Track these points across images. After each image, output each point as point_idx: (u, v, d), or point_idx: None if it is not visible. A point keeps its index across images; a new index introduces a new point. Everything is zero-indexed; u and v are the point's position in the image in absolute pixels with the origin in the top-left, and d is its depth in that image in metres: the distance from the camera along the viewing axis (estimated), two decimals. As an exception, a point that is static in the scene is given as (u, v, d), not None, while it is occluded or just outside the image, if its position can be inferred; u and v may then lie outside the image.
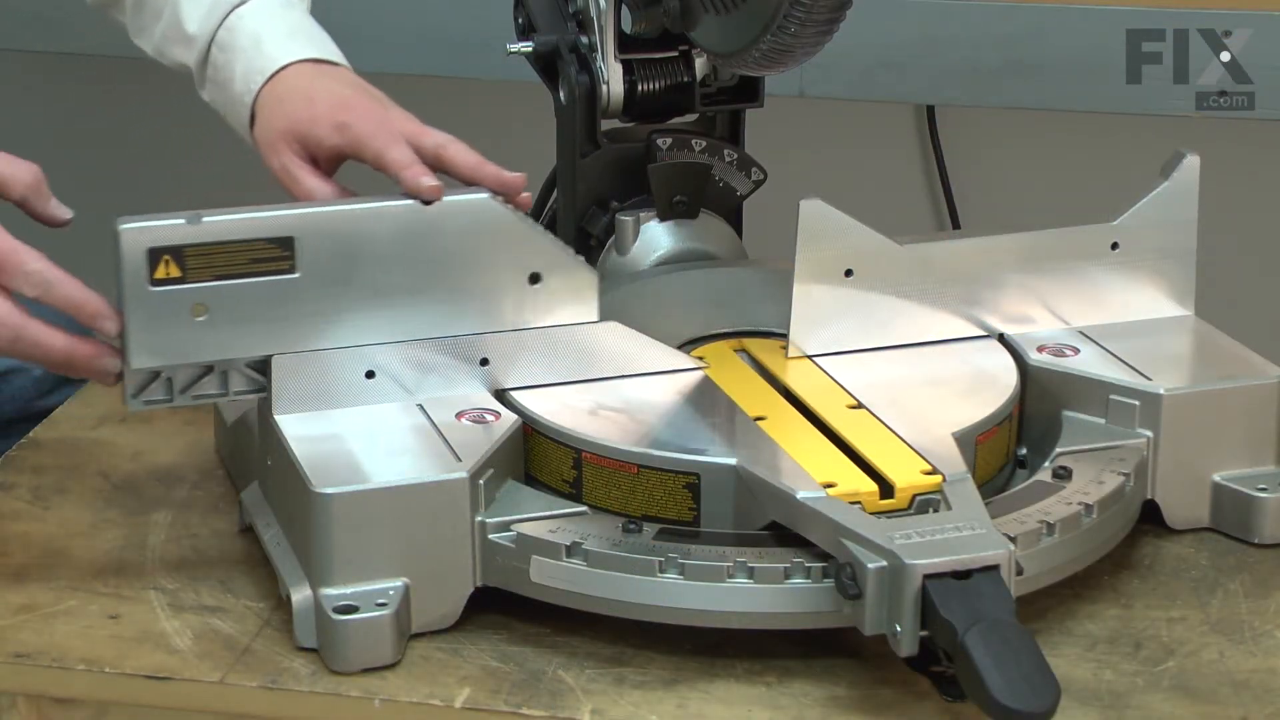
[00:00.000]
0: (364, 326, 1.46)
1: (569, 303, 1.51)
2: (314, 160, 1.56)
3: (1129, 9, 2.28)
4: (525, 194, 1.50)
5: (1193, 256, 1.63)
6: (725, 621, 1.37)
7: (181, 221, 1.42)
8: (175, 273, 1.42)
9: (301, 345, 1.45)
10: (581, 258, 1.51)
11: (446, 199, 1.47)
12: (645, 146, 1.64)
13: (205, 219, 1.42)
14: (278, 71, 1.60)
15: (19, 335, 1.41)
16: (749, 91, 1.67)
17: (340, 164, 1.56)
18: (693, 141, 1.65)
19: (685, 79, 1.64)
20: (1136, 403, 1.52)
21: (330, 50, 1.64)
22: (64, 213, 1.46)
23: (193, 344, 1.43)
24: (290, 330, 1.45)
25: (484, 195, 1.48)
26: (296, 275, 1.44)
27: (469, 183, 1.49)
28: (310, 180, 1.55)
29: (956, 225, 2.56)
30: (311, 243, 1.44)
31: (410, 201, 1.47)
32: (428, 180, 1.47)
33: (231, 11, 1.64)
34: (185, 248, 1.41)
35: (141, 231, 1.41)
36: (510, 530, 1.40)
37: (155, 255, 1.41)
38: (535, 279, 1.49)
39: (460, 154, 1.50)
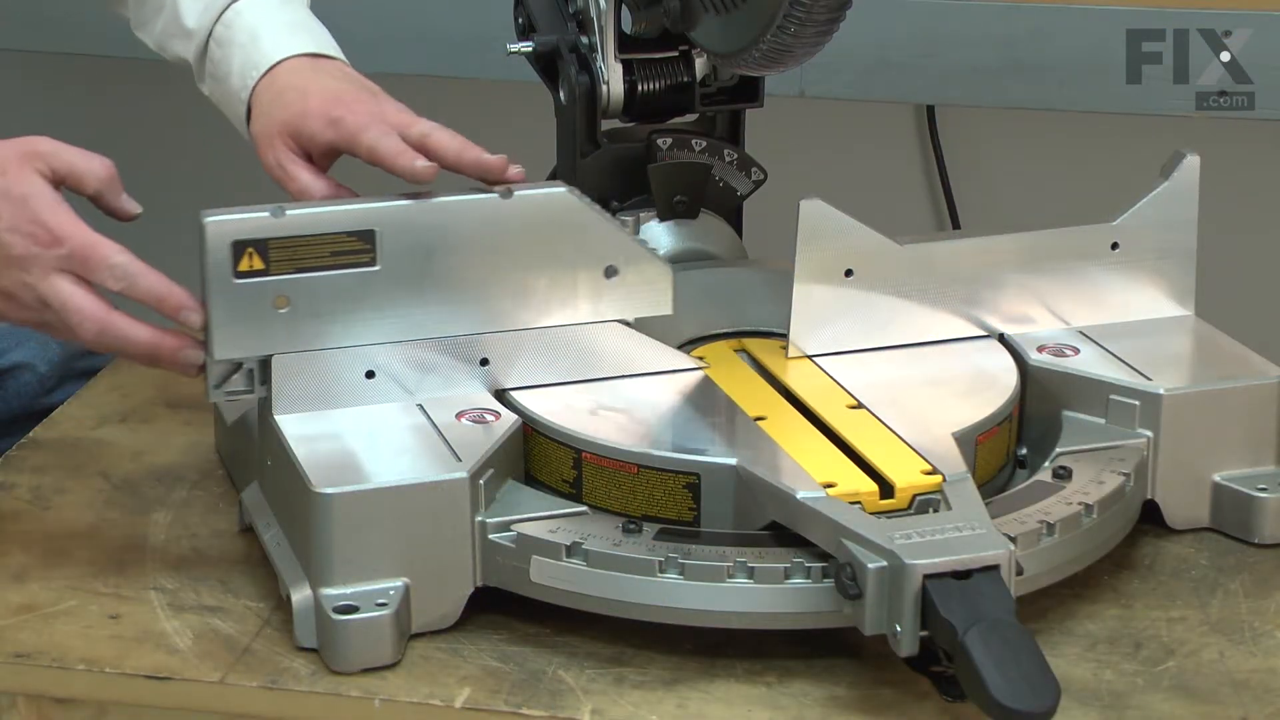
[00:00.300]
0: (441, 318, 1.47)
1: (644, 295, 1.51)
2: (308, 156, 1.56)
3: (1129, 9, 2.28)
4: (515, 169, 1.49)
5: (1193, 256, 1.63)
6: (725, 621, 1.37)
7: (265, 214, 1.43)
8: (258, 265, 1.43)
9: (380, 337, 1.46)
10: (656, 250, 1.52)
11: (524, 192, 1.48)
12: (645, 146, 1.64)
13: (289, 212, 1.43)
14: (273, 67, 1.60)
15: (104, 328, 1.42)
16: (749, 91, 1.67)
17: (335, 159, 1.56)
18: (693, 141, 1.65)
19: (685, 79, 1.64)
20: (1136, 403, 1.52)
21: (327, 44, 1.64)
22: (134, 207, 1.48)
23: (274, 335, 1.44)
24: (369, 322, 1.46)
25: (562, 189, 1.49)
26: (377, 268, 1.45)
27: (453, 169, 1.50)
28: (304, 176, 1.55)
29: (956, 225, 2.56)
30: (392, 235, 1.45)
31: (491, 195, 1.47)
32: (421, 162, 1.47)
33: (229, 6, 1.65)
34: (269, 240, 1.42)
35: (226, 224, 1.42)
36: (510, 530, 1.40)
37: (239, 248, 1.42)
38: (611, 272, 1.50)
39: (444, 141, 1.50)
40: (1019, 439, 1.56)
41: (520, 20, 1.67)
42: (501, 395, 1.49)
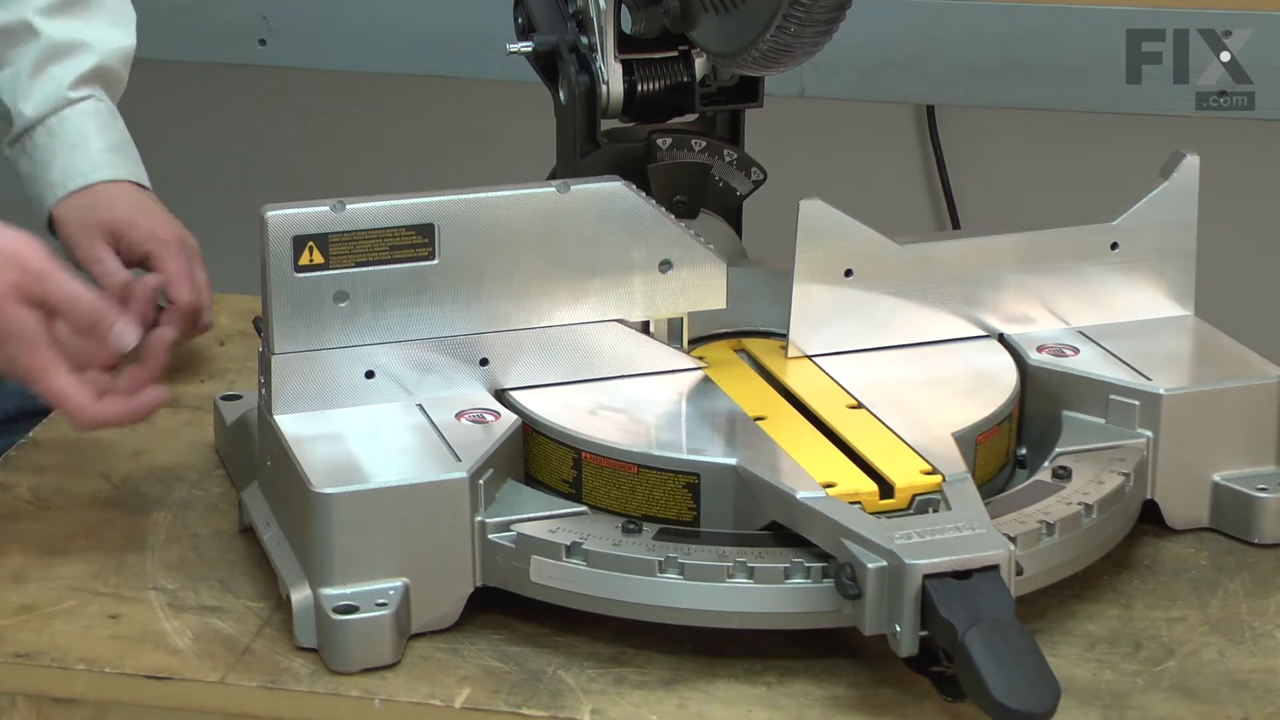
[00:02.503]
0: (498, 313, 1.48)
1: (698, 290, 1.52)
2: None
3: (1129, 9, 2.28)
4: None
5: (1193, 256, 1.63)
6: (725, 621, 1.37)
7: (325, 209, 1.44)
8: (319, 259, 1.44)
9: (438, 331, 1.47)
10: (711, 247, 1.53)
11: (581, 186, 1.49)
12: (645, 146, 1.64)
13: (349, 206, 1.44)
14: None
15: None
16: (749, 91, 1.67)
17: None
18: (693, 141, 1.65)
19: (685, 79, 1.64)
20: (1136, 403, 1.52)
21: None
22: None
23: (333, 329, 1.45)
24: (428, 316, 1.47)
25: (619, 183, 1.50)
26: (436, 262, 1.46)
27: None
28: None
29: (956, 225, 2.56)
30: (452, 229, 1.46)
31: (549, 189, 1.48)
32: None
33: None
34: (329, 235, 1.43)
35: (287, 218, 1.43)
36: (510, 530, 1.40)
37: (300, 242, 1.43)
38: (666, 266, 1.51)
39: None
40: (1019, 439, 1.56)
41: (520, 20, 1.67)
42: (501, 395, 1.49)
